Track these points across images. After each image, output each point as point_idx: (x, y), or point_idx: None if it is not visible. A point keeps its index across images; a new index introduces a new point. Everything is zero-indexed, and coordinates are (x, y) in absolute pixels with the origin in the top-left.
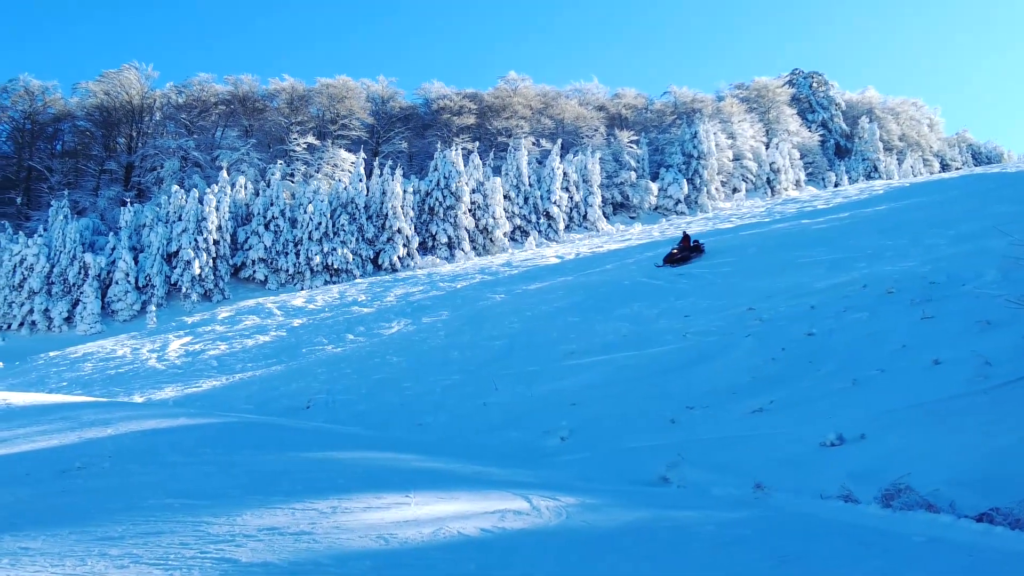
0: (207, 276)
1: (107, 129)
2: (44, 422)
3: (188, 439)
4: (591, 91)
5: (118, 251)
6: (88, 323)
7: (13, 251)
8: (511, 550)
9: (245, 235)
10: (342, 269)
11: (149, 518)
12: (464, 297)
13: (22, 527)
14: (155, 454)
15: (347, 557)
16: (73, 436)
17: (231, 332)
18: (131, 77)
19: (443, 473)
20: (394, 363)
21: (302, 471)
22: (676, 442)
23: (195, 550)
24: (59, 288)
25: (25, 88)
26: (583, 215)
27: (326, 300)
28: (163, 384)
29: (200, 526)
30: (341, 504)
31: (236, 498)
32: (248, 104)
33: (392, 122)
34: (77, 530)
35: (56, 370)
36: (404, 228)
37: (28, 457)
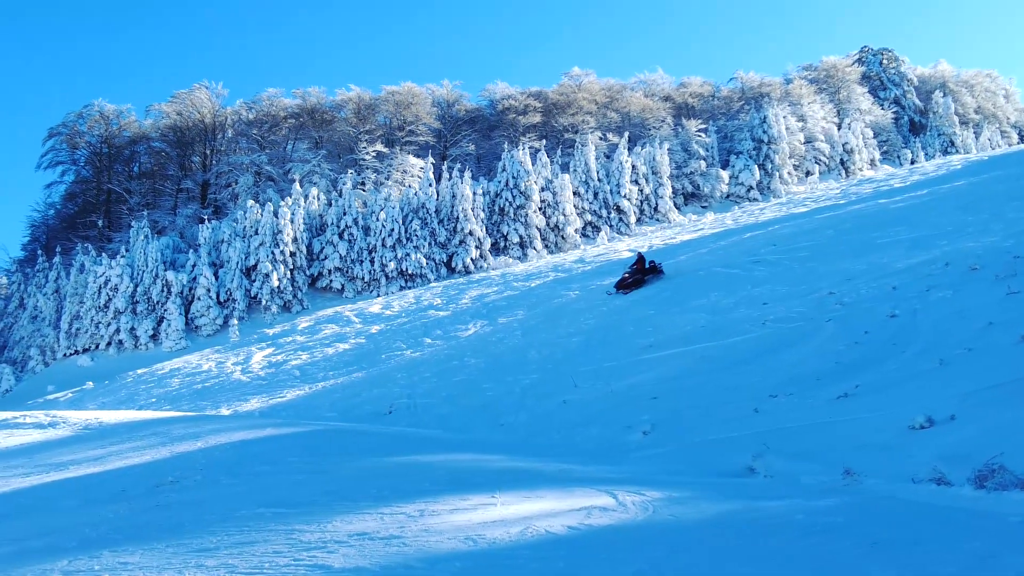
0: (285, 288)
1: (182, 148)
2: (136, 438)
3: (276, 449)
4: (656, 82)
5: (199, 267)
6: (173, 339)
7: (97, 272)
8: (599, 547)
9: (320, 245)
10: (416, 274)
11: (242, 528)
12: (538, 296)
13: (120, 542)
14: (245, 465)
15: (437, 560)
16: (165, 451)
17: (311, 342)
18: (202, 96)
19: (527, 472)
20: (472, 365)
21: (388, 475)
22: (760, 432)
23: (288, 558)
24: (143, 307)
25: (100, 113)
26: (654, 207)
27: (402, 305)
28: (248, 396)
29: (292, 534)
30: (428, 507)
31: (325, 505)
32: (317, 116)
33: (458, 125)
34: (173, 543)
35: (145, 387)
36: (475, 230)
37: (123, 473)
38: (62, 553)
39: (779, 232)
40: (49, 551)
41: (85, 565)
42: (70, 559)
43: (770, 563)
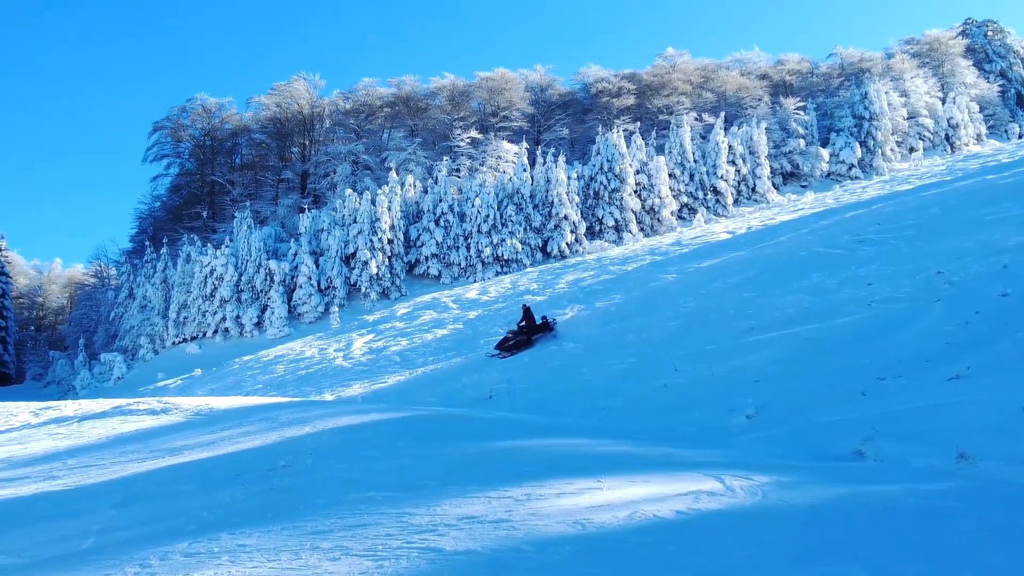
0: (384, 275)
1: (281, 140)
2: (246, 424)
3: (381, 433)
4: (752, 60)
5: (300, 256)
6: (277, 327)
7: (203, 262)
8: (708, 531)
9: (417, 232)
10: (512, 259)
11: (354, 511)
12: (635, 279)
13: (238, 525)
14: (352, 449)
15: (546, 543)
16: (275, 436)
17: (410, 328)
18: (300, 88)
19: (631, 457)
20: (570, 349)
21: (493, 460)
22: (868, 415)
23: (400, 540)
24: (248, 295)
25: (203, 106)
26: (751, 188)
27: (499, 291)
28: (350, 381)
29: (403, 517)
30: (535, 491)
31: (433, 488)
32: (412, 104)
33: (552, 110)
34: (288, 526)
35: (250, 373)
36: (570, 214)
37: (236, 458)
38: (182, 536)
39: (883, 211)
40: (170, 534)
41: (205, 547)
42: (190, 542)
43: (884, 548)
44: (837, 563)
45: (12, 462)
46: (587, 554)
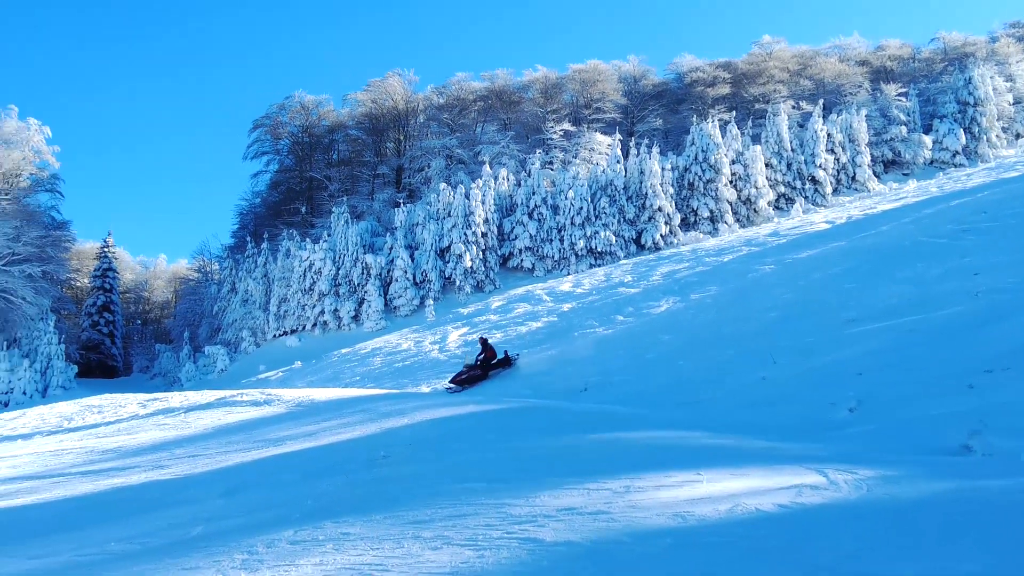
0: (478, 268)
1: (376, 135)
2: (347, 414)
3: (478, 425)
4: (851, 46)
5: (395, 250)
6: (373, 320)
7: (302, 257)
8: (812, 525)
9: (510, 225)
10: (605, 251)
11: (454, 501)
12: (731, 271)
13: (341, 514)
14: (450, 441)
15: (646, 535)
16: (374, 427)
17: (504, 320)
18: (395, 84)
19: (730, 450)
20: (665, 341)
21: (590, 452)
22: (975, 408)
23: (500, 531)
24: (345, 289)
25: (300, 104)
26: (851, 176)
27: (592, 283)
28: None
29: (502, 508)
30: (633, 483)
31: (531, 480)
32: (504, 98)
33: (645, 100)
34: (390, 515)
35: (348, 365)
36: (664, 206)
37: (337, 448)
38: (288, 524)
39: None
40: (275, 522)
41: (310, 535)
42: (295, 529)
43: (997, 545)
44: (948, 558)
45: (122, 451)
46: (688, 547)
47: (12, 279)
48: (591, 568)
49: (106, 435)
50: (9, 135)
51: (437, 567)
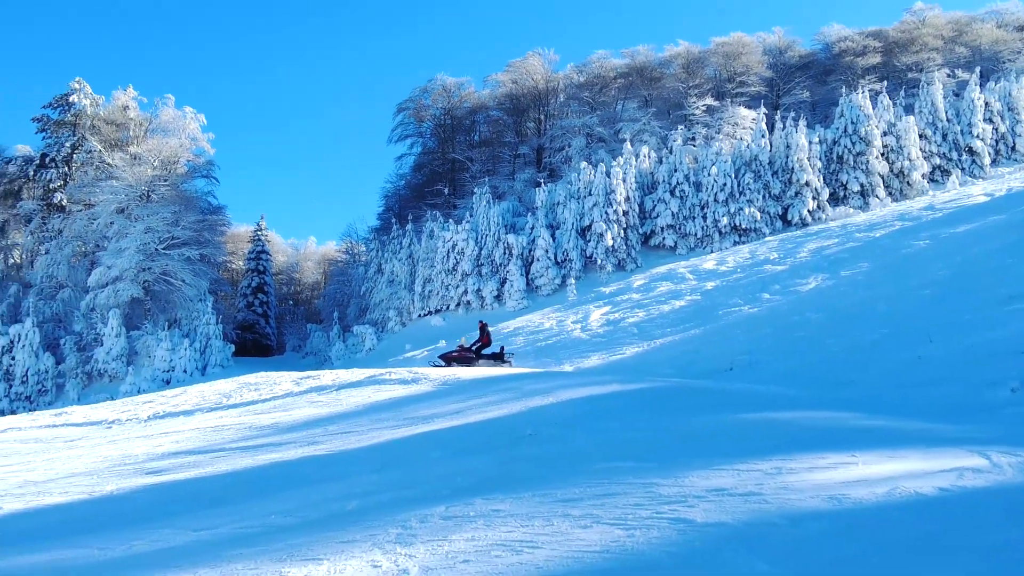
0: (619, 246)
1: (517, 116)
2: (491, 393)
3: (623, 404)
4: (1009, 11)
5: (536, 230)
6: (515, 299)
7: (445, 238)
8: (975, 509)
9: (652, 203)
10: (750, 228)
11: (602, 481)
12: (883, 246)
13: (489, 491)
14: (595, 419)
15: (800, 517)
16: (519, 405)
17: (646, 299)
18: (535, 63)
19: (886, 431)
20: (813, 320)
21: (738, 432)
22: None
23: (649, 510)
24: (487, 269)
25: (442, 86)
26: (1011, 147)
27: (737, 261)
28: (588, 352)
29: (650, 487)
30: (784, 464)
31: (678, 460)
32: (645, 74)
33: (790, 72)
34: (538, 493)
35: None
36: (811, 180)
37: (483, 426)
38: (438, 500)
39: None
40: (427, 498)
41: (460, 511)
42: (447, 505)
43: None
44: None
45: (278, 428)
46: (845, 530)
47: (172, 262)
48: (744, 550)
49: (263, 412)
50: (166, 123)
51: (587, 545)
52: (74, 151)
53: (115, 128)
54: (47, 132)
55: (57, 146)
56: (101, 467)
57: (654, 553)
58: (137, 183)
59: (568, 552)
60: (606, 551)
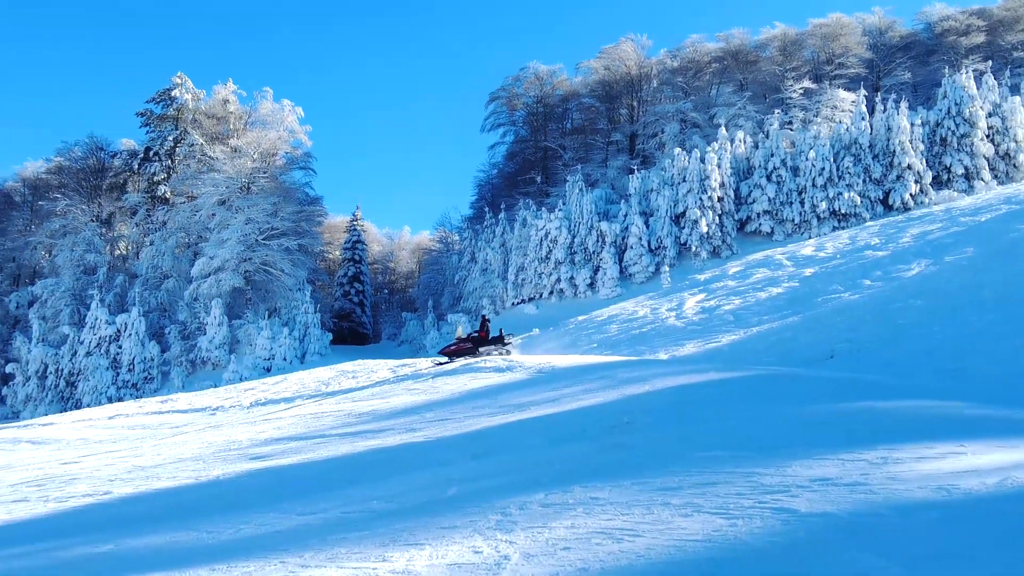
0: (714, 233)
1: (609, 102)
2: (586, 381)
3: (720, 393)
4: None
5: (630, 217)
6: (608, 287)
7: (538, 226)
8: None
9: (748, 189)
10: (849, 213)
11: (702, 469)
12: (989, 231)
13: (588, 478)
14: (692, 408)
15: (908, 508)
16: (614, 394)
17: (742, 286)
18: (628, 49)
19: (996, 420)
20: (917, 307)
21: (840, 421)
22: None
23: (752, 500)
24: (580, 256)
25: (535, 75)
26: None
27: (836, 247)
28: (683, 340)
29: (751, 476)
30: (890, 454)
31: (780, 448)
32: (740, 58)
33: (891, 53)
34: (638, 481)
35: (585, 333)
36: (914, 163)
37: (579, 414)
38: (537, 487)
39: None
40: (525, 485)
41: (560, 499)
42: (546, 492)
43: None
44: None
45: (376, 415)
46: (956, 521)
47: (272, 252)
48: (851, 541)
49: (361, 399)
50: (265, 116)
51: (689, 534)
52: (177, 144)
53: (216, 121)
54: (150, 126)
55: (160, 140)
56: (206, 453)
57: (758, 543)
58: (237, 175)
59: (669, 541)
60: (708, 540)
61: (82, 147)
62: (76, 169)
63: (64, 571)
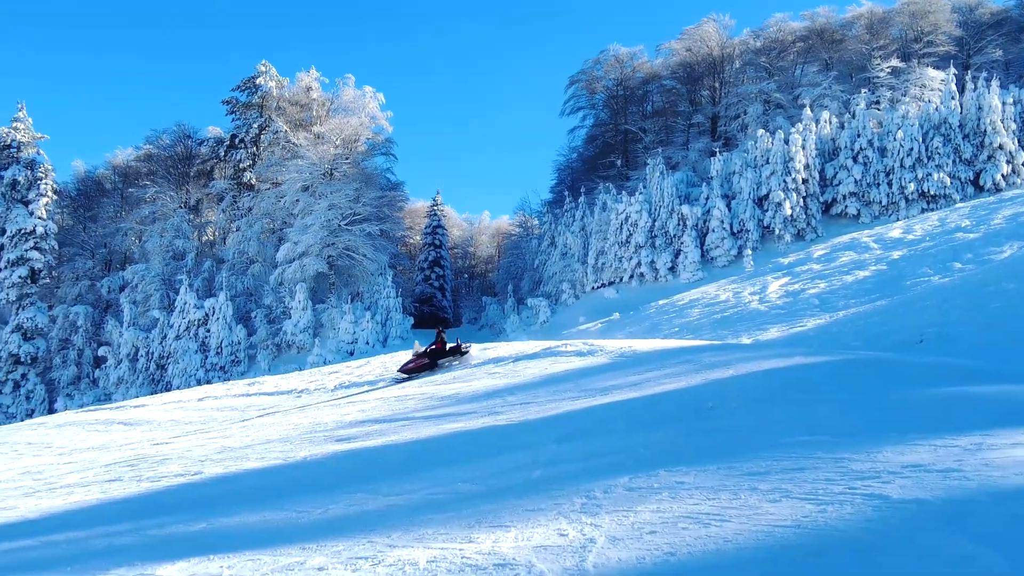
0: (798, 215)
1: (691, 84)
2: (669, 365)
3: (808, 377)
4: None
5: (711, 200)
6: (690, 271)
7: (618, 210)
8: None
9: (833, 170)
10: (939, 195)
11: (790, 454)
12: None
13: (673, 463)
14: (779, 393)
15: (1005, 496)
16: (698, 378)
17: (828, 269)
18: (709, 30)
19: None
20: (1011, 290)
21: (932, 407)
22: None
23: (842, 486)
24: (661, 240)
25: (615, 57)
26: None
27: (925, 229)
28: (767, 325)
29: (841, 462)
30: (985, 440)
31: (870, 434)
32: (825, 36)
33: (982, 30)
34: (724, 466)
35: (666, 317)
36: (1006, 143)
37: (663, 398)
38: (621, 471)
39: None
40: (609, 469)
41: (644, 482)
42: (630, 476)
43: None
44: None
45: (459, 398)
46: None
47: (354, 237)
48: (946, 528)
49: (443, 383)
50: (347, 103)
51: (777, 519)
52: (261, 132)
53: (299, 109)
54: (236, 114)
55: (245, 127)
56: (293, 434)
57: (849, 529)
58: (320, 161)
59: (758, 526)
60: (798, 526)
61: (170, 135)
62: (165, 156)
63: (160, 550)
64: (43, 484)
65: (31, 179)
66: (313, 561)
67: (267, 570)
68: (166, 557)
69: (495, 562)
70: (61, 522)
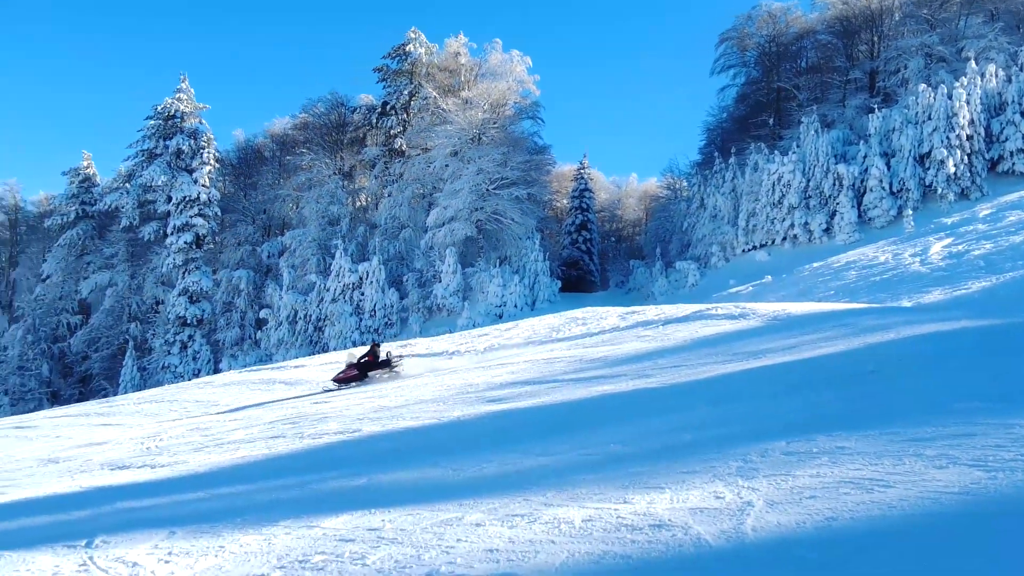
0: (962, 174)
1: (848, 38)
2: (825, 329)
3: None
4: None
5: (869, 159)
6: (846, 232)
7: (770, 170)
8: None
9: (999, 126)
10: None
11: (956, 420)
12: None
13: (831, 428)
14: (943, 357)
15: None
16: (856, 342)
17: (994, 230)
18: None
19: None
20: None
21: None
22: None
23: (1013, 452)
24: (815, 201)
25: (767, 12)
26: None
27: None
28: (928, 288)
29: (1012, 428)
30: None
31: None
32: None
33: None
34: (886, 431)
35: (820, 280)
36: None
37: (818, 363)
38: (776, 435)
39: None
40: (764, 433)
41: (803, 447)
42: (787, 440)
43: None
44: None
45: (608, 361)
46: None
47: (501, 201)
48: None
49: (591, 345)
50: (494, 68)
51: (943, 486)
52: (411, 98)
53: (448, 74)
54: (387, 81)
55: (396, 94)
56: (446, 395)
57: (1021, 497)
58: (469, 126)
59: (923, 492)
60: (965, 492)
61: (324, 103)
62: (319, 125)
63: (323, 503)
64: (211, 440)
65: (194, 148)
66: (470, 517)
67: (426, 524)
68: (329, 510)
69: (651, 523)
70: (229, 476)
